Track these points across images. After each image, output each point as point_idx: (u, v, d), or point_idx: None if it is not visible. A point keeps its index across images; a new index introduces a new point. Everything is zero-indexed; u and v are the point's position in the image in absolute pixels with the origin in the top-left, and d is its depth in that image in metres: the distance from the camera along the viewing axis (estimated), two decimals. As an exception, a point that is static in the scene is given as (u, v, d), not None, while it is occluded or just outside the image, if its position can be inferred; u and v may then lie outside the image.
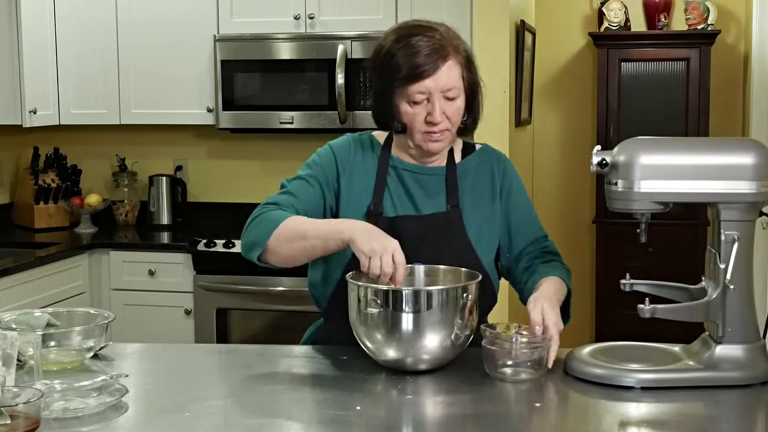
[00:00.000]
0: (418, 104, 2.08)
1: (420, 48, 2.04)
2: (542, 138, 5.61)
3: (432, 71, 2.04)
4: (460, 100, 2.10)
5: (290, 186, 2.19)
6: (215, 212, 4.77)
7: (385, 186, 2.17)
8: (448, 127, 2.10)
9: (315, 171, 2.19)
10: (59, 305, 3.87)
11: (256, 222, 2.11)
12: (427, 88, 2.05)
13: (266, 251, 2.08)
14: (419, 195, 2.17)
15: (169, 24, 4.45)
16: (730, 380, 1.87)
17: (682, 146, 1.94)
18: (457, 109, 2.10)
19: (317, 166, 2.20)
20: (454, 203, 2.16)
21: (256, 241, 2.09)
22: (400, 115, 2.10)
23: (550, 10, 5.46)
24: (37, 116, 4.34)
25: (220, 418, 1.77)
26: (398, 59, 2.05)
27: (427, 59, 2.04)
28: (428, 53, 2.04)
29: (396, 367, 1.95)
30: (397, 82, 2.06)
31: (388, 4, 4.23)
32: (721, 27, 5.23)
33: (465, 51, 2.11)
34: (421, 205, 2.17)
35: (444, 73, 2.05)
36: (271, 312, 4.16)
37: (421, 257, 2.08)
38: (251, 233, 2.11)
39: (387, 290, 1.89)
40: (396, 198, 2.17)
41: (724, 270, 1.87)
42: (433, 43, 2.05)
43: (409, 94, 2.07)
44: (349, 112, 4.19)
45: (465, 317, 1.92)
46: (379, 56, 2.11)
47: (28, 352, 1.88)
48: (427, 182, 2.18)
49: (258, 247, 2.08)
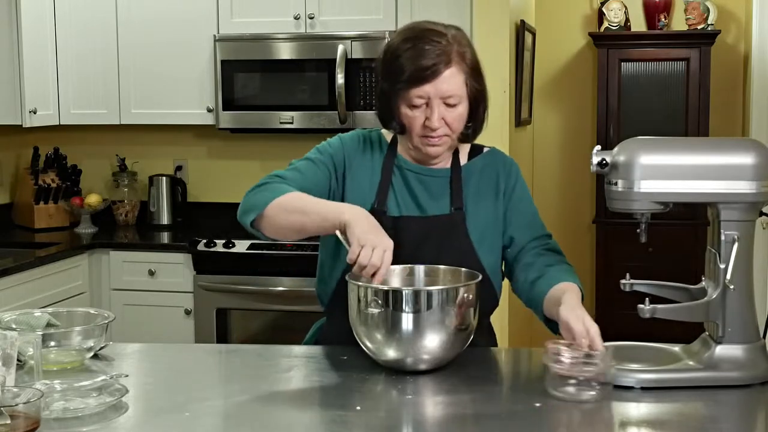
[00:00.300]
0: (417, 108, 2.07)
1: (425, 52, 2.04)
2: (542, 138, 5.61)
3: (432, 77, 2.04)
4: (462, 107, 2.09)
5: (298, 164, 2.18)
6: (215, 212, 4.77)
7: (389, 185, 2.17)
8: (447, 132, 2.10)
9: (325, 157, 2.19)
10: (59, 305, 3.87)
11: (260, 189, 2.11)
12: (426, 93, 2.05)
13: (262, 217, 2.06)
14: (423, 196, 2.17)
15: (169, 24, 4.45)
16: (730, 380, 1.87)
17: (682, 146, 1.94)
18: (458, 116, 2.09)
19: (327, 154, 2.20)
20: (458, 206, 2.16)
21: (254, 205, 2.08)
22: (400, 117, 2.11)
23: (550, 10, 5.46)
24: (37, 116, 4.34)
25: (220, 418, 1.77)
26: (402, 61, 2.05)
27: (429, 64, 2.03)
28: (432, 58, 2.03)
29: (396, 367, 1.94)
30: (399, 84, 2.06)
31: (388, 4, 4.23)
32: (721, 27, 5.24)
33: (471, 59, 2.10)
34: (425, 206, 2.17)
35: (445, 80, 2.04)
36: (271, 312, 4.16)
37: (423, 258, 2.08)
38: (251, 198, 2.10)
39: (387, 290, 1.89)
40: (400, 198, 2.17)
41: (724, 270, 1.87)
42: (438, 48, 2.04)
43: (409, 98, 2.06)
44: (349, 112, 4.19)
45: (465, 317, 1.92)
46: (385, 55, 2.11)
47: (28, 352, 1.88)
48: (432, 184, 2.18)
49: (254, 212, 2.07)
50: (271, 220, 2.06)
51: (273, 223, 2.06)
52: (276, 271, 4.11)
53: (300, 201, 2.05)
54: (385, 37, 4.15)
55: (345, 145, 2.21)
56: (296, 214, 2.03)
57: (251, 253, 4.12)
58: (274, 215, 2.05)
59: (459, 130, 2.12)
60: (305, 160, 2.19)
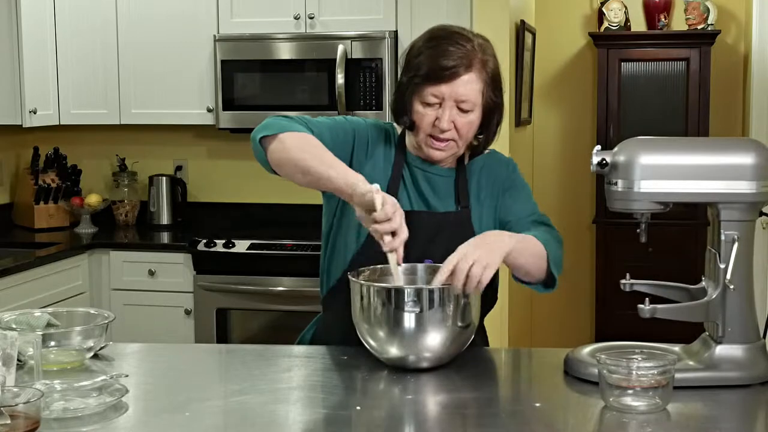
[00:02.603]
0: (430, 106, 2.08)
1: (448, 53, 2.04)
2: (542, 138, 5.61)
3: (450, 78, 2.04)
4: (474, 115, 2.09)
5: (328, 121, 2.16)
6: (215, 212, 4.77)
7: (401, 179, 2.18)
8: (455, 137, 2.10)
9: (356, 128, 2.17)
10: (59, 305, 3.87)
11: (286, 119, 2.07)
12: (441, 93, 2.05)
13: (274, 139, 2.02)
14: (430, 193, 2.18)
15: (169, 24, 4.45)
16: (730, 380, 1.87)
17: (682, 146, 1.94)
18: (469, 122, 2.09)
19: (358, 129, 2.18)
20: (464, 204, 2.17)
21: (273, 125, 2.04)
22: (412, 113, 2.11)
23: (550, 10, 5.46)
24: (37, 116, 4.34)
25: (220, 418, 1.77)
26: (423, 57, 2.06)
27: (449, 65, 2.03)
28: (453, 60, 2.04)
29: (399, 365, 1.95)
30: (416, 79, 2.07)
31: (388, 4, 4.23)
32: (721, 27, 5.23)
33: (493, 70, 2.10)
34: (433, 203, 2.18)
35: (462, 84, 2.05)
36: (271, 312, 4.16)
37: (433, 254, 2.08)
38: (274, 121, 2.06)
39: (390, 288, 1.90)
40: (411, 192, 2.18)
41: (724, 270, 1.87)
42: (462, 51, 2.05)
43: (424, 94, 2.07)
44: (349, 112, 4.19)
45: (466, 315, 1.93)
46: (410, 50, 2.12)
47: (28, 352, 1.88)
48: (437, 182, 2.19)
49: (270, 130, 2.03)
50: (282, 145, 2.01)
51: (282, 149, 2.01)
52: (276, 271, 4.11)
53: (318, 147, 2.01)
54: (385, 37, 4.15)
55: (369, 130, 2.20)
56: (309, 154, 1.98)
57: (251, 253, 4.12)
58: (286, 142, 2.01)
59: (466, 137, 2.12)
60: (333, 121, 2.17)
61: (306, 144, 2.01)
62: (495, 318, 2.33)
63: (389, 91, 4.15)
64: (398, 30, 4.20)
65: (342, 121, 2.20)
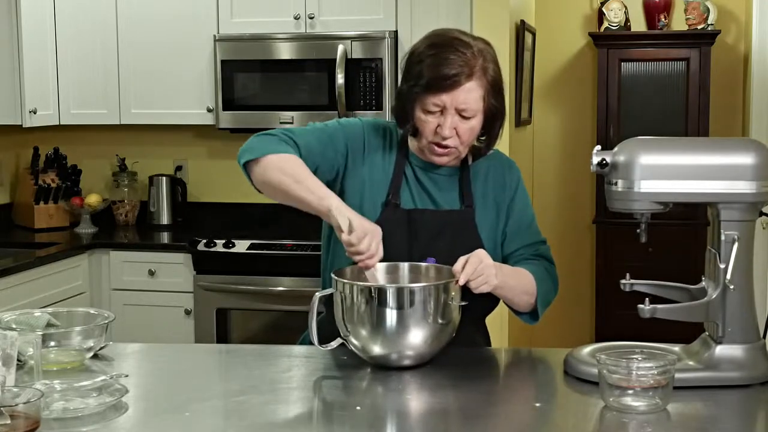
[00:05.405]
0: (431, 114, 2.08)
1: (448, 61, 2.04)
2: (542, 138, 5.61)
3: (451, 87, 2.04)
4: (476, 121, 2.09)
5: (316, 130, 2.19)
6: (215, 212, 4.77)
7: (403, 177, 2.18)
8: (457, 144, 2.10)
9: (345, 133, 2.20)
10: (59, 305, 3.87)
11: (268, 138, 2.13)
12: (442, 101, 2.05)
13: (257, 162, 2.09)
14: (434, 190, 2.19)
15: (169, 24, 4.45)
16: (730, 380, 1.87)
17: (682, 146, 1.94)
18: (471, 129, 2.09)
19: (349, 133, 2.20)
20: (468, 203, 2.17)
21: (255, 149, 2.11)
22: (414, 120, 2.11)
23: (550, 10, 5.46)
24: (37, 116, 4.34)
25: (220, 418, 1.78)
26: (424, 66, 2.06)
27: (450, 74, 2.03)
28: (454, 68, 2.03)
29: (382, 363, 1.97)
30: (417, 88, 2.07)
31: (388, 4, 4.23)
32: (721, 27, 5.23)
33: (494, 75, 2.09)
34: (438, 201, 2.18)
35: (463, 92, 2.05)
36: (271, 312, 4.16)
37: (437, 251, 2.09)
38: (256, 142, 2.13)
39: (371, 287, 1.93)
40: (414, 191, 2.18)
41: (724, 270, 1.87)
42: (462, 59, 2.04)
43: (425, 103, 2.07)
44: (349, 112, 4.19)
45: (447, 313, 1.94)
46: (409, 57, 2.12)
47: (28, 352, 1.88)
48: (441, 181, 2.19)
49: (252, 154, 2.10)
50: (263, 169, 2.09)
51: (263, 173, 2.09)
52: (276, 271, 4.11)
53: (298, 168, 2.07)
54: (385, 37, 4.15)
55: (367, 132, 2.21)
56: (288, 177, 2.05)
57: (251, 253, 4.12)
58: (268, 167, 2.08)
59: (468, 142, 2.12)
60: (323, 128, 2.20)
61: (286, 166, 2.07)
62: (495, 318, 2.33)
63: (389, 91, 4.15)
64: (398, 30, 4.20)
65: (334, 127, 2.21)
